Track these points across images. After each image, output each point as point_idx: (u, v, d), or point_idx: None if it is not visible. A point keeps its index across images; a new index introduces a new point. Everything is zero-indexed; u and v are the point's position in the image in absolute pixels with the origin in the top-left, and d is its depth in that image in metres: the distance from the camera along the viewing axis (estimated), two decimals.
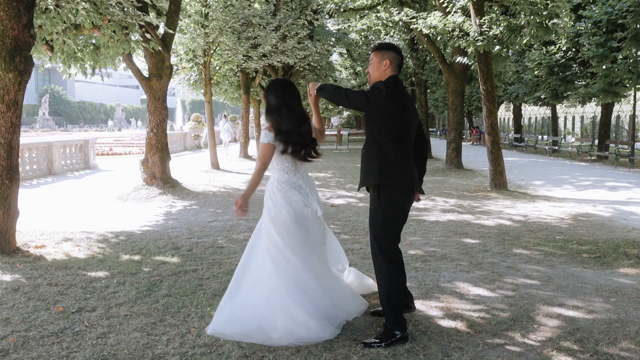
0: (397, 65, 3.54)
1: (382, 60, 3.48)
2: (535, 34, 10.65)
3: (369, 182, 3.49)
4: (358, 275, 4.44)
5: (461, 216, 7.93)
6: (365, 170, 3.51)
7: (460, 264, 5.28)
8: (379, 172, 3.41)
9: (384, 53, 3.53)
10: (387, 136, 3.39)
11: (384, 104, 3.38)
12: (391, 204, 3.46)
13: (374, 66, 3.54)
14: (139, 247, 5.87)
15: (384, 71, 3.49)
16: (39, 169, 13.93)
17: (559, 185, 12.04)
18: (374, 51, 3.57)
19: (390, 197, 3.44)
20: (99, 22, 8.42)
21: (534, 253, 5.73)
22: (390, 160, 3.41)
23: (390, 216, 3.47)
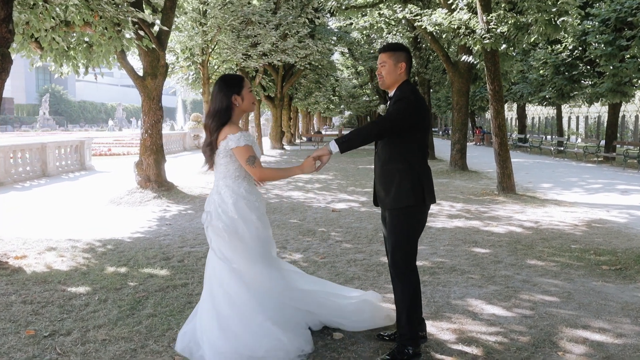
0: (410, 67, 3.31)
1: (398, 63, 3.21)
2: (544, 31, 10.25)
3: (401, 203, 3.16)
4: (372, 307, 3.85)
5: (469, 222, 7.55)
6: (395, 190, 3.17)
7: (471, 277, 4.89)
8: (412, 192, 3.15)
9: (398, 55, 3.23)
10: (417, 150, 3.17)
11: (418, 115, 3.14)
12: (419, 223, 3.26)
13: (388, 69, 3.22)
14: (127, 257, 5.49)
15: (400, 74, 3.22)
16: (32, 171, 13.57)
17: (568, 188, 11.64)
18: (386, 52, 3.25)
19: (420, 216, 3.24)
20: (90, 18, 8.05)
21: (550, 264, 5.34)
22: (420, 177, 3.19)
23: (415, 234, 3.25)
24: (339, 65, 40.75)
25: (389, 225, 3.26)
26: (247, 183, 3.23)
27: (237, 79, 3.22)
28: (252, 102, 3.23)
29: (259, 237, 3.23)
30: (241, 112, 3.22)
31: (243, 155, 3.11)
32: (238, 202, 3.18)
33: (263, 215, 3.30)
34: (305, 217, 7.99)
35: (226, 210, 3.17)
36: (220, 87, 3.17)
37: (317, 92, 34.00)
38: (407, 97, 3.15)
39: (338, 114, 67.46)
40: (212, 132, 3.14)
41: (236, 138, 3.09)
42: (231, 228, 3.17)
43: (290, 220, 7.69)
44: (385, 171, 3.23)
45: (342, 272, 5.06)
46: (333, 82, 36.93)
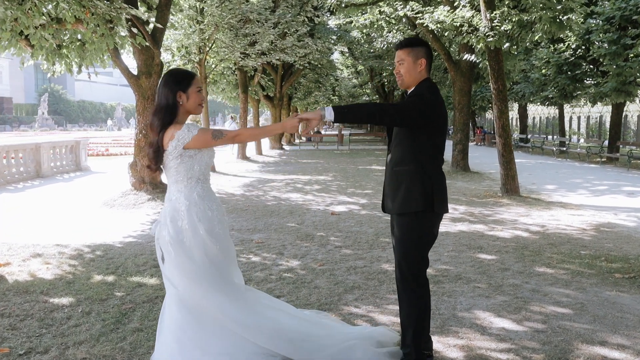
0: (430, 63, 3.06)
1: (418, 60, 2.95)
2: (549, 29, 9.99)
3: (409, 208, 2.91)
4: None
5: (473, 226, 7.29)
6: (403, 194, 2.92)
7: (478, 287, 4.63)
8: (422, 197, 2.89)
9: (418, 51, 2.97)
10: (431, 153, 2.91)
11: (433, 115, 2.87)
12: (429, 230, 2.98)
13: (407, 67, 2.97)
14: (116, 264, 5.23)
15: (420, 72, 2.98)
16: (26, 172, 13.31)
17: (573, 190, 11.38)
18: (404, 48, 2.99)
19: (430, 222, 2.97)
20: (82, 15, 7.80)
21: (560, 272, 5.09)
22: (432, 181, 2.92)
23: (425, 242, 2.99)
24: (339, 65, 40.48)
25: (396, 233, 3.02)
26: (202, 187, 2.89)
27: (186, 75, 2.90)
28: (199, 103, 2.87)
29: (207, 254, 2.83)
30: (186, 112, 2.88)
31: (206, 138, 2.78)
32: (190, 209, 2.83)
33: (216, 228, 2.88)
34: (303, 220, 7.73)
35: (175, 219, 2.82)
36: (166, 81, 2.85)
37: (316, 91, 33.74)
38: (422, 93, 2.90)
39: None
40: (157, 132, 2.80)
41: (186, 130, 2.77)
42: (177, 241, 2.81)
43: (288, 224, 7.43)
44: (394, 173, 2.99)
45: (341, 280, 4.80)
46: (333, 82, 36.69)
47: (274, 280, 4.78)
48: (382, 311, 4.02)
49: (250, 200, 9.73)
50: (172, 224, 2.81)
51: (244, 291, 3.01)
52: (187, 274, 2.81)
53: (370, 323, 3.80)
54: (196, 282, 2.82)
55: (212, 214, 2.88)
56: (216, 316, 2.83)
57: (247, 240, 6.43)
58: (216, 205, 2.93)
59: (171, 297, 2.86)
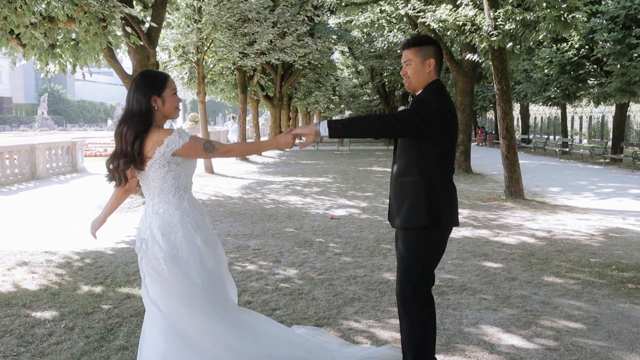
0: (440, 63, 2.80)
1: (426, 60, 2.72)
2: (553, 28, 9.76)
3: (413, 222, 2.69)
4: None
5: (477, 231, 7.06)
6: (408, 207, 2.70)
7: (484, 298, 4.40)
8: (428, 210, 2.66)
9: (426, 50, 2.73)
10: (439, 162, 2.67)
11: (439, 122, 2.63)
12: (436, 246, 2.75)
13: (415, 68, 2.74)
14: (105, 274, 5.01)
15: (429, 73, 2.75)
16: (20, 173, 13.09)
17: (578, 192, 11.15)
18: (411, 47, 2.76)
19: (437, 238, 2.73)
20: (74, 13, 7.57)
21: (569, 282, 4.85)
22: (439, 193, 2.69)
23: (431, 259, 2.76)
24: (339, 65, 40.28)
25: (400, 247, 2.79)
26: (189, 196, 2.69)
27: (159, 77, 2.65)
28: (176, 106, 2.66)
29: (205, 267, 2.60)
30: (162, 117, 2.64)
31: (197, 148, 2.57)
32: (183, 219, 2.59)
33: (211, 238, 2.68)
34: (302, 225, 7.50)
35: (167, 233, 2.56)
36: (138, 85, 2.58)
37: (316, 91, 33.52)
38: (429, 99, 2.66)
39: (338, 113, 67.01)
40: (130, 142, 2.51)
41: (177, 136, 2.52)
42: (171, 257, 2.54)
43: (286, 229, 7.20)
44: (399, 184, 2.77)
45: (340, 291, 4.57)
46: (333, 82, 36.45)
47: (270, 291, 4.55)
48: (383, 326, 3.80)
49: (248, 203, 9.50)
50: (165, 238, 2.55)
51: (239, 312, 2.75)
52: (179, 295, 2.55)
53: (371, 339, 3.57)
54: (187, 304, 2.56)
55: (203, 221, 2.69)
56: (207, 343, 2.58)
57: (243, 246, 6.20)
58: (204, 213, 2.75)
59: (154, 321, 2.60)
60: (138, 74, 2.69)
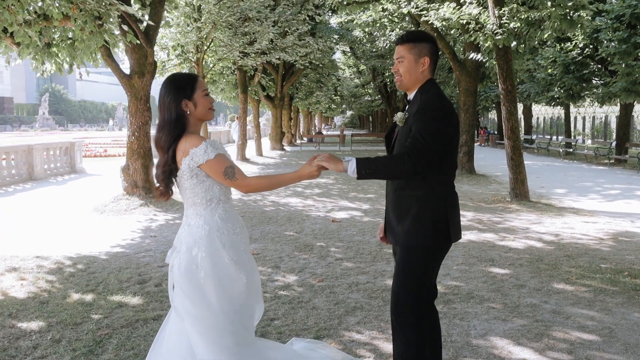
0: (435, 62, 2.59)
1: (420, 58, 2.51)
2: (559, 27, 9.55)
3: (417, 240, 2.46)
4: None
5: (482, 235, 6.86)
6: (411, 223, 2.46)
7: (492, 307, 4.21)
8: (434, 227, 2.44)
9: (421, 47, 2.52)
10: (442, 169, 2.45)
11: (450, 130, 2.45)
12: (439, 261, 2.56)
13: (408, 66, 2.52)
14: (97, 280, 4.82)
15: (422, 72, 2.54)
16: (17, 174, 12.91)
17: (584, 194, 10.94)
18: (405, 43, 2.54)
19: (441, 252, 2.54)
20: (69, 11, 7.39)
21: (580, 289, 4.66)
22: (445, 205, 2.48)
23: (431, 276, 2.55)
24: (341, 64, 40.08)
25: (399, 262, 2.57)
26: (224, 208, 2.47)
27: (188, 79, 2.48)
28: (209, 107, 2.50)
29: (228, 290, 2.39)
30: (196, 120, 2.48)
31: (218, 169, 2.38)
32: (211, 234, 2.41)
33: (243, 255, 2.48)
34: (302, 228, 7.31)
35: (191, 247, 2.40)
36: (166, 90, 2.44)
37: (318, 91, 33.33)
38: (432, 105, 2.41)
39: (340, 113, 66.83)
40: (166, 149, 2.40)
41: (202, 150, 2.36)
42: (190, 271, 2.37)
43: (286, 233, 7.01)
44: (400, 197, 2.53)
45: (342, 299, 4.38)
46: (335, 82, 36.27)
47: (269, 299, 4.36)
48: (387, 337, 3.60)
49: (248, 205, 9.31)
50: (187, 252, 2.40)
51: (253, 343, 2.51)
52: (191, 318, 2.36)
53: (374, 353, 3.38)
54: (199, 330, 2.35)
55: (237, 237, 2.47)
56: None
57: None
58: (240, 228, 2.52)
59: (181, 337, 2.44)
60: (166, 78, 2.51)
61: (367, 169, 2.31)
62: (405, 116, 2.53)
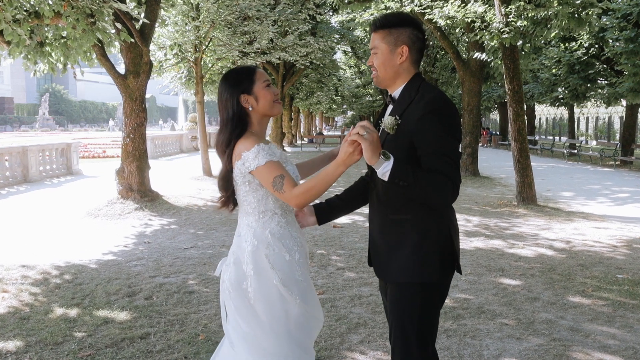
0: (418, 51, 2.08)
1: (396, 47, 2.03)
2: (566, 25, 9.27)
3: (420, 277, 2.00)
4: None
5: (490, 242, 6.57)
6: (410, 255, 2.00)
7: (505, 324, 3.92)
8: (438, 260, 2.01)
9: (398, 34, 2.03)
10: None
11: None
12: (443, 296, 2.12)
13: (382, 58, 2.06)
14: (84, 293, 4.54)
15: (401, 65, 2.05)
16: (12, 176, 12.64)
17: (592, 197, 10.65)
18: (379, 30, 2.07)
19: (447, 285, 2.11)
20: (59, 8, 7.12)
21: (598, 303, 4.37)
22: (449, 230, 2.05)
23: (436, 313, 2.10)
24: (342, 64, 39.80)
25: (395, 306, 2.08)
26: (278, 222, 2.16)
27: (245, 71, 2.20)
28: (274, 99, 2.19)
29: (282, 312, 2.09)
30: (261, 116, 2.19)
31: (267, 179, 2.06)
32: (258, 251, 2.11)
33: (297, 275, 2.14)
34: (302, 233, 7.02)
35: (239, 261, 2.14)
36: (224, 87, 2.18)
37: (319, 91, 33.04)
38: (447, 111, 1.96)
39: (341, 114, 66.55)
40: (222, 151, 2.14)
41: (253, 155, 2.06)
42: (240, 286, 2.11)
43: None
44: (393, 223, 2.05)
45: (344, 314, 4.10)
46: (335, 82, 35.98)
47: None
48: None
49: None
50: (236, 266, 2.14)
51: None
52: (243, 336, 2.12)
53: None
54: (247, 349, 2.11)
55: (290, 257, 2.14)
56: None
57: None
58: (298, 246, 2.19)
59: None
60: (222, 76, 2.23)
61: (403, 179, 1.83)
62: (397, 122, 1.99)
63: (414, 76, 2.07)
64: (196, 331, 3.72)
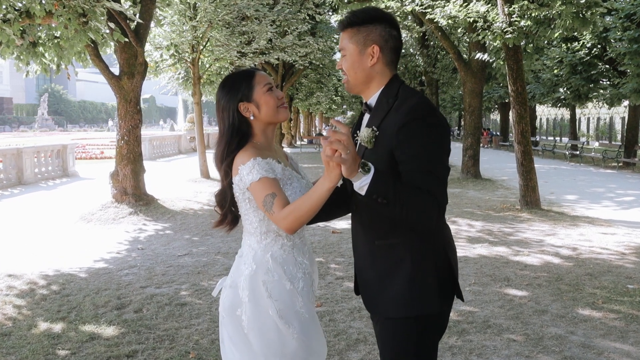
0: (393, 50, 1.82)
1: (365, 47, 1.78)
2: (570, 25, 9.07)
3: (412, 310, 1.75)
4: None
5: (494, 249, 6.37)
6: (403, 285, 1.75)
7: (512, 339, 3.72)
8: (436, 289, 1.75)
9: (367, 32, 1.78)
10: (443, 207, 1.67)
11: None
12: (443, 327, 1.88)
13: (351, 59, 1.81)
14: (71, 305, 4.33)
15: (372, 67, 1.80)
16: (6, 179, 12.44)
17: (596, 200, 10.44)
18: (346, 28, 1.82)
19: (447, 316, 1.88)
20: (50, 7, 6.92)
21: (609, 317, 4.16)
22: (445, 251, 1.81)
23: (436, 344, 1.87)
24: None
25: (387, 339, 1.84)
26: (282, 245, 1.93)
27: (242, 76, 1.96)
28: (278, 104, 1.95)
29: (277, 345, 1.87)
30: (264, 125, 1.96)
31: (258, 197, 1.83)
32: (256, 276, 1.90)
33: (297, 306, 1.90)
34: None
35: (236, 284, 1.93)
36: (221, 95, 1.96)
37: (318, 92, 32.83)
38: (423, 116, 1.69)
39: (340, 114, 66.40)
40: (219, 162, 1.93)
41: (247, 170, 1.84)
42: (233, 313, 1.90)
43: None
44: (381, 250, 1.81)
45: (343, 329, 3.90)
46: (335, 82, 35.77)
47: None
48: None
49: None
50: (232, 290, 1.93)
51: None
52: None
53: None
54: None
55: (292, 286, 1.90)
56: None
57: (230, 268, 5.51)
58: (303, 273, 1.95)
59: None
60: (220, 83, 1.99)
61: (382, 195, 1.57)
62: (374, 134, 1.75)
63: (390, 80, 1.82)
64: (186, 348, 3.52)
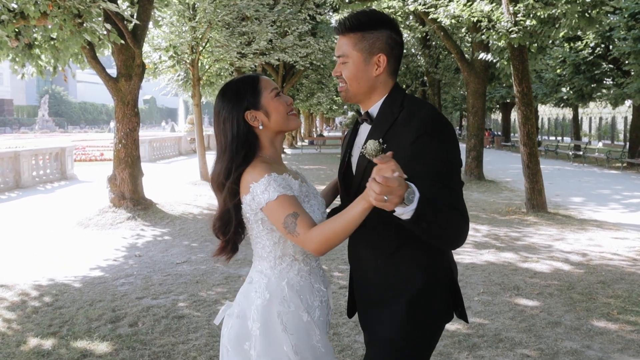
0: (397, 58, 1.70)
1: (372, 56, 1.64)
2: (576, 24, 8.89)
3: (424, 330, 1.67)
4: None
5: (502, 255, 6.18)
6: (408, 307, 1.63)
7: (527, 355, 3.54)
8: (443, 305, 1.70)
9: (374, 39, 1.64)
10: None
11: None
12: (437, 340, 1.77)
13: (355, 68, 1.66)
14: (63, 318, 4.15)
15: (377, 77, 1.67)
16: (3, 182, 12.27)
17: (603, 203, 10.25)
18: (348, 33, 1.66)
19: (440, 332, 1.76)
20: (46, 8, 6.75)
21: (626, 328, 3.98)
22: (452, 271, 1.73)
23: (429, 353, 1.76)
24: None
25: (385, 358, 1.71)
26: (299, 271, 1.74)
27: (246, 82, 1.74)
28: (288, 111, 1.75)
29: None
30: (274, 135, 1.75)
31: (277, 218, 1.62)
32: (270, 307, 1.69)
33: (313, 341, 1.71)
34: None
35: (245, 315, 1.72)
36: (221, 104, 1.72)
37: (319, 92, 32.65)
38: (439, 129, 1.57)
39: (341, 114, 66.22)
40: (220, 187, 1.71)
41: (262, 187, 1.62)
42: (240, 346, 1.71)
43: None
44: (387, 267, 1.68)
45: (348, 344, 3.72)
46: (336, 82, 35.59)
47: None
48: None
49: None
50: (240, 321, 1.72)
51: None
52: None
53: None
54: None
55: (309, 318, 1.72)
56: None
57: (233, 276, 5.34)
58: (319, 301, 1.76)
59: None
60: (219, 92, 1.76)
61: (425, 220, 1.39)
62: (381, 147, 1.61)
63: (392, 89, 1.70)
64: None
